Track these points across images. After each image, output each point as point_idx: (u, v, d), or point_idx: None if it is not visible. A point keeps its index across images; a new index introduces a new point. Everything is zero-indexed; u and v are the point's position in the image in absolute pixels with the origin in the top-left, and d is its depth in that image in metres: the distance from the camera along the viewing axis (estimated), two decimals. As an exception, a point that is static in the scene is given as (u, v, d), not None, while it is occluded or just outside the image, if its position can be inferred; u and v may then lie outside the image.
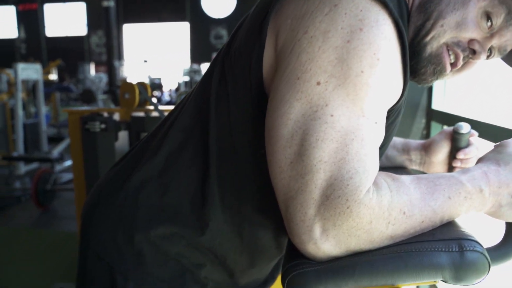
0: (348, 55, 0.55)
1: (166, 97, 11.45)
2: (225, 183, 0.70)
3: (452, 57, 0.69)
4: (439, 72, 0.70)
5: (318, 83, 0.55)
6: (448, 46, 0.68)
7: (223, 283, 0.77)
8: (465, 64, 0.71)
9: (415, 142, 1.00)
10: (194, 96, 0.75)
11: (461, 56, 0.68)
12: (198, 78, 9.59)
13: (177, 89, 12.32)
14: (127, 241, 0.72)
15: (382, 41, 0.56)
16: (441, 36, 0.67)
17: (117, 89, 7.76)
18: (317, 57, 0.56)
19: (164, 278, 0.72)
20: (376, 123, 0.57)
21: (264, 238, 0.75)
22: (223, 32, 20.15)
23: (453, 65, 0.70)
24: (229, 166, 0.70)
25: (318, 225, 0.56)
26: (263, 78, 0.64)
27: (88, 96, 8.03)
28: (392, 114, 0.65)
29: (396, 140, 1.02)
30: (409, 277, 0.56)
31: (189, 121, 0.73)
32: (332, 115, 0.54)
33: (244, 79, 0.66)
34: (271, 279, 0.88)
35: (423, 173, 1.00)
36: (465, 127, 0.86)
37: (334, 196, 0.54)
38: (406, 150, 1.00)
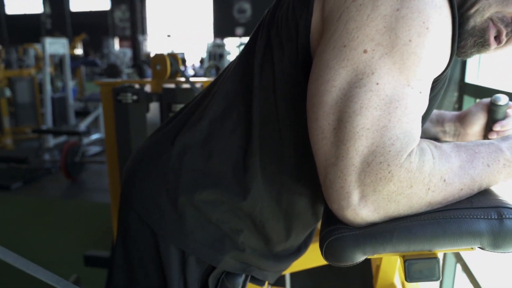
0: (396, 23, 0.55)
1: (190, 72, 11.48)
2: (267, 151, 0.71)
3: (494, 32, 0.68)
4: (480, 45, 0.69)
5: (365, 51, 0.55)
6: (492, 21, 0.67)
7: (259, 250, 0.79)
8: (507, 41, 0.69)
9: (450, 113, 0.99)
10: (237, 65, 0.76)
11: (504, 32, 0.67)
12: (221, 52, 9.56)
13: (201, 62, 12.30)
14: (170, 205, 0.74)
15: (432, 9, 0.55)
16: (485, 10, 0.65)
17: (143, 63, 7.82)
18: (365, 26, 0.55)
19: (204, 242, 0.74)
20: (420, 92, 0.57)
21: (301, 206, 0.77)
22: (246, 6, 19.88)
23: (495, 40, 0.68)
24: (271, 135, 0.71)
25: (357, 191, 0.57)
26: (310, 44, 0.64)
27: (112, 71, 8.12)
28: (437, 84, 0.64)
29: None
30: (447, 243, 0.57)
31: (232, 89, 0.74)
32: (377, 83, 0.55)
33: (291, 45, 0.66)
34: (303, 247, 0.90)
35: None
36: (503, 99, 0.84)
37: (376, 162, 0.55)
38: (440, 121, 0.99)
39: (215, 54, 9.50)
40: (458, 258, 1.61)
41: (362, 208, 0.57)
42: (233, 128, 0.73)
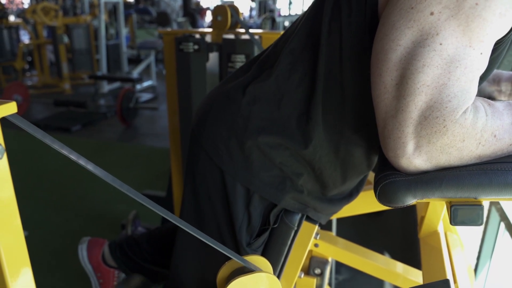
0: None
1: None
2: (329, 105, 0.77)
3: None
4: None
5: (432, 13, 0.59)
6: None
7: (315, 193, 0.87)
8: None
9: (507, 73, 1.01)
10: (305, 22, 0.81)
11: None
12: (270, 4, 9.38)
13: (250, 10, 12.07)
14: (238, 147, 0.83)
15: None
16: None
17: (195, 12, 7.84)
18: None
19: (268, 181, 0.83)
20: (481, 54, 0.60)
21: (357, 156, 0.84)
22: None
23: None
24: (334, 89, 0.77)
25: (413, 142, 0.63)
26: (377, 6, 0.69)
27: (163, 19, 8.19)
28: (499, 46, 0.67)
29: None
30: (492, 193, 0.63)
31: (299, 46, 0.79)
32: (441, 44, 0.59)
33: (359, 7, 0.71)
34: (355, 192, 0.98)
35: None
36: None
37: (432, 117, 0.60)
38: (496, 81, 1.01)
39: (265, 4, 9.33)
40: (503, 217, 1.64)
41: (416, 158, 0.64)
42: (299, 82, 0.79)
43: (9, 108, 0.46)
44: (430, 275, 0.84)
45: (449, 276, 0.85)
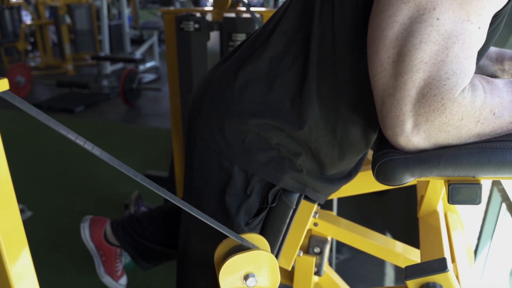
0: None
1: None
2: (323, 85, 0.76)
3: None
4: None
5: None
6: None
7: (314, 172, 0.87)
8: None
9: (511, 52, 0.99)
10: (297, 1, 0.79)
11: None
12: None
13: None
14: (234, 131, 0.82)
15: None
16: None
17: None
18: None
19: (266, 163, 0.83)
20: (479, 28, 0.59)
21: (355, 134, 0.83)
22: None
23: None
24: (328, 70, 0.75)
25: (411, 120, 0.62)
26: None
27: (166, -1, 8.09)
28: (496, 19, 0.66)
29: (491, 49, 1.01)
30: (491, 171, 0.63)
31: (292, 25, 0.78)
32: (438, 19, 0.58)
33: None
34: (354, 172, 0.97)
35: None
36: None
37: (430, 95, 0.60)
38: (500, 60, 0.99)
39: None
40: (504, 198, 1.64)
41: (414, 136, 0.63)
42: (291, 64, 0.78)
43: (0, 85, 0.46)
44: (427, 254, 0.85)
45: (447, 255, 0.85)
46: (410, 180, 0.67)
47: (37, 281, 0.58)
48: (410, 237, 1.19)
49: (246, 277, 0.68)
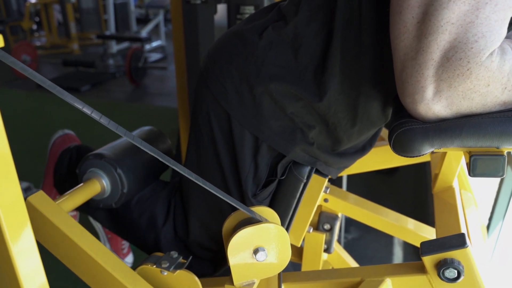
0: None
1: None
2: (347, 56, 0.72)
3: None
4: None
5: None
6: None
7: (325, 146, 0.83)
8: None
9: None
10: None
11: None
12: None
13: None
14: (249, 92, 0.78)
15: None
16: None
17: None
18: None
19: (278, 131, 0.79)
20: None
21: (375, 109, 0.79)
22: None
23: None
24: (352, 39, 0.71)
25: (432, 86, 0.58)
26: None
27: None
28: None
29: None
30: (517, 142, 0.59)
31: None
32: None
33: None
34: (368, 146, 0.94)
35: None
36: None
37: (456, 58, 0.56)
38: None
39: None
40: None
41: (435, 103, 0.60)
42: (317, 32, 0.74)
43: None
44: (443, 230, 0.82)
45: (463, 231, 0.82)
46: (429, 151, 0.64)
47: (40, 259, 0.56)
48: (419, 217, 1.16)
49: (255, 251, 0.66)
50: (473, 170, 0.63)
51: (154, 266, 0.74)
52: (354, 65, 0.74)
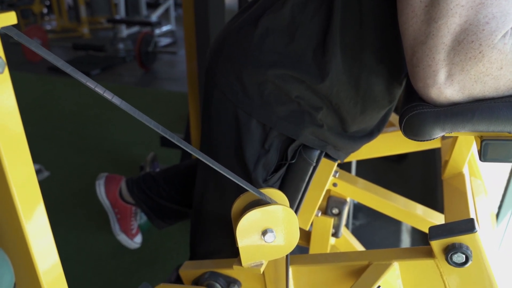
0: None
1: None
2: (347, 34, 0.72)
3: None
4: None
5: None
6: None
7: (335, 128, 0.83)
8: None
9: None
10: None
11: None
12: None
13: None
14: (253, 82, 0.78)
15: None
16: None
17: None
18: None
19: (285, 116, 0.79)
20: None
21: (378, 88, 0.79)
22: None
23: None
24: (353, 18, 0.71)
25: (444, 69, 0.58)
26: None
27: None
28: None
29: None
30: (529, 127, 0.58)
31: None
32: None
33: None
34: (376, 131, 0.93)
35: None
36: None
37: (467, 41, 0.55)
38: None
39: None
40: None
41: (447, 87, 0.59)
42: (314, 12, 0.73)
43: (7, 18, 0.43)
44: (452, 215, 0.82)
45: (472, 217, 0.82)
46: (439, 135, 0.64)
47: (53, 239, 0.57)
48: (428, 205, 1.15)
49: (264, 233, 0.66)
50: (484, 155, 0.62)
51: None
52: (355, 44, 0.73)
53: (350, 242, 1.19)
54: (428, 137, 0.63)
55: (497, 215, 1.79)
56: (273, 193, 0.70)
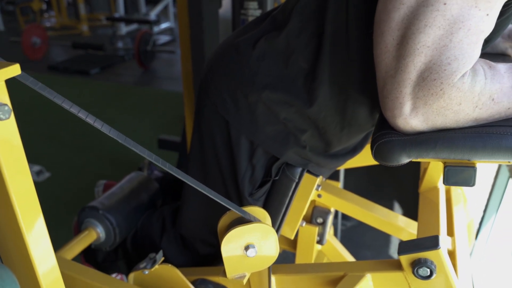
0: None
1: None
2: (336, 64, 0.77)
3: None
4: None
5: None
6: None
7: (318, 149, 0.89)
8: None
9: (523, 30, 0.98)
10: None
11: None
12: None
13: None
14: (245, 101, 0.84)
15: None
16: None
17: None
18: None
19: (272, 136, 0.85)
20: (487, 15, 0.59)
21: (362, 115, 0.84)
22: None
23: None
24: (340, 48, 0.76)
25: (410, 102, 0.63)
26: None
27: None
28: (508, 8, 0.65)
29: None
30: (485, 156, 0.64)
31: (310, 4, 0.78)
32: (445, 4, 0.57)
33: None
34: (360, 147, 0.99)
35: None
36: None
37: (430, 79, 0.61)
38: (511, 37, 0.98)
39: None
40: (512, 172, 1.64)
41: (412, 118, 0.65)
42: (308, 41, 0.79)
43: (12, 71, 0.48)
44: (424, 230, 0.88)
45: (443, 231, 0.88)
46: (407, 161, 0.69)
47: (51, 245, 0.62)
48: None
49: (246, 248, 0.72)
50: (446, 179, 0.68)
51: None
52: (342, 73, 0.79)
53: (336, 248, 1.25)
54: (396, 162, 0.69)
55: (482, 219, 1.85)
56: (256, 211, 0.76)
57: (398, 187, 2.42)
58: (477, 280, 1.81)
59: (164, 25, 6.21)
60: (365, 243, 2.07)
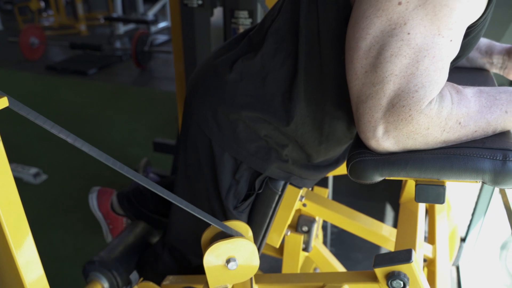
0: None
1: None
2: (311, 83, 0.81)
3: None
4: None
5: (400, 3, 0.60)
6: None
7: (301, 161, 0.93)
8: None
9: (500, 45, 1.01)
10: (287, 4, 0.82)
11: None
12: None
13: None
14: (226, 120, 0.88)
15: None
16: None
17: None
18: None
19: (254, 152, 0.89)
20: (451, 41, 0.62)
21: (340, 130, 0.88)
22: None
23: None
24: (314, 69, 0.79)
25: (381, 126, 0.67)
26: None
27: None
28: (473, 30, 0.68)
29: (481, 41, 1.03)
30: (453, 176, 0.67)
31: (284, 25, 0.81)
32: (408, 33, 0.60)
33: None
34: (342, 159, 1.03)
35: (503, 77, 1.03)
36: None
37: (399, 105, 0.64)
38: (489, 52, 1.01)
39: None
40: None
41: (384, 141, 0.68)
42: (283, 62, 0.82)
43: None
44: (401, 242, 0.91)
45: (420, 241, 0.92)
46: (380, 179, 0.73)
47: (36, 252, 0.63)
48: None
49: (228, 261, 0.76)
50: (418, 197, 0.72)
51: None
52: (317, 90, 0.81)
53: (323, 254, 1.28)
54: (370, 181, 0.72)
55: (470, 222, 1.89)
56: (238, 225, 0.79)
57: (389, 188, 2.46)
58: (464, 284, 1.85)
59: (161, 24, 6.22)
60: (356, 245, 2.11)
